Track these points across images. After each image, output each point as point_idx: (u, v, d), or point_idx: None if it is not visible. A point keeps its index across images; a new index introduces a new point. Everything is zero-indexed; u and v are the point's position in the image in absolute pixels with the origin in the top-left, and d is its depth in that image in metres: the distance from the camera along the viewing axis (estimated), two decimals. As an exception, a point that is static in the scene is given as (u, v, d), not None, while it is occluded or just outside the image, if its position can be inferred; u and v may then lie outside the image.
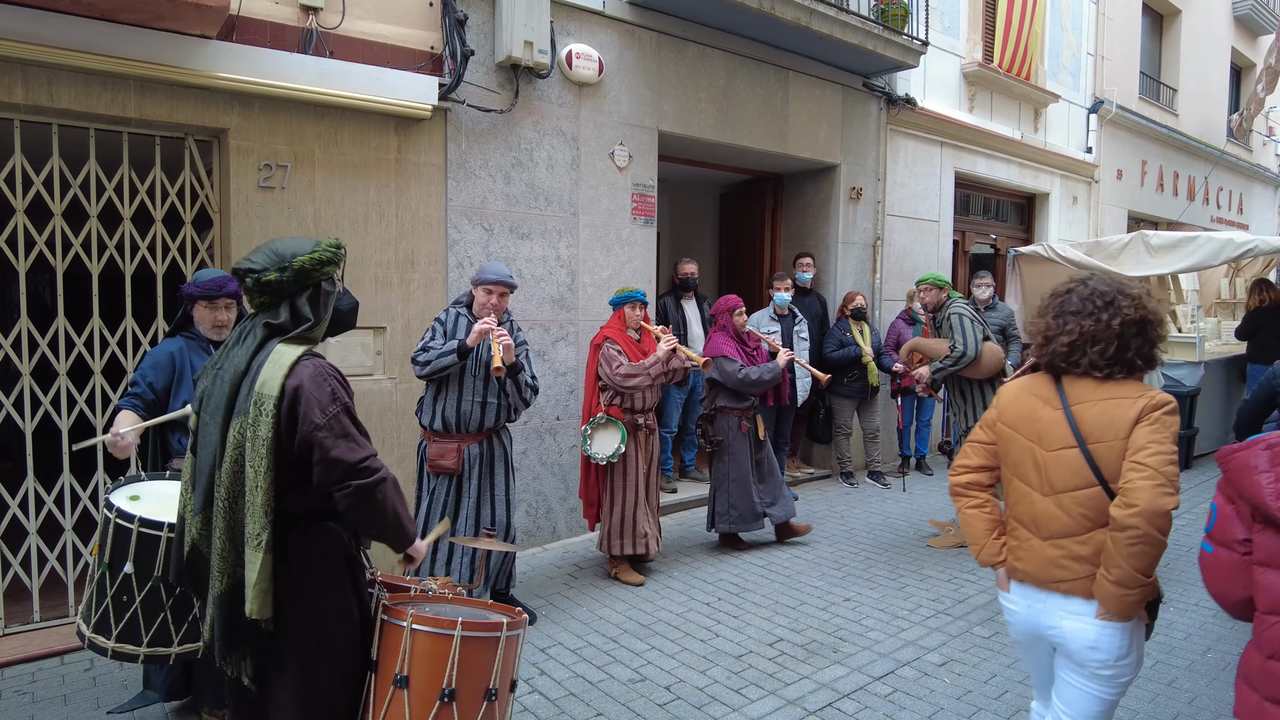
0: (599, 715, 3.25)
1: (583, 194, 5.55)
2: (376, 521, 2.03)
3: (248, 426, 1.92)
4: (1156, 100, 12.26)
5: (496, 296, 3.84)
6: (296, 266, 2.03)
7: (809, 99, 6.98)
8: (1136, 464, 1.95)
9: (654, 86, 5.89)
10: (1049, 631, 2.16)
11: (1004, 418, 2.25)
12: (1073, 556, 2.08)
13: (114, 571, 2.45)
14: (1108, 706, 2.14)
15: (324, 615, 2.02)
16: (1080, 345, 2.10)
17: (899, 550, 5.36)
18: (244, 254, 3.95)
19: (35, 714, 3.22)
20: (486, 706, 2.07)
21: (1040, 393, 2.18)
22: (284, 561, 1.96)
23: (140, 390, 3.00)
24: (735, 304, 5.23)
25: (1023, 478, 2.19)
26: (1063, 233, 10.22)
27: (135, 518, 2.43)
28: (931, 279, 5.38)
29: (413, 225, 4.76)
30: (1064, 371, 2.15)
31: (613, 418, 4.57)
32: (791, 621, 4.18)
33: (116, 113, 3.83)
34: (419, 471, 4.03)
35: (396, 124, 4.63)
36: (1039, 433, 2.15)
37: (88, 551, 2.66)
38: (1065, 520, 2.09)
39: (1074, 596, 2.09)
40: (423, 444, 4.00)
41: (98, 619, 2.46)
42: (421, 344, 3.85)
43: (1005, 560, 2.25)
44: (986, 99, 9.07)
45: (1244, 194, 14.88)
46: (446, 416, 3.87)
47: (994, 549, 2.27)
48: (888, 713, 3.27)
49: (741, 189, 8.23)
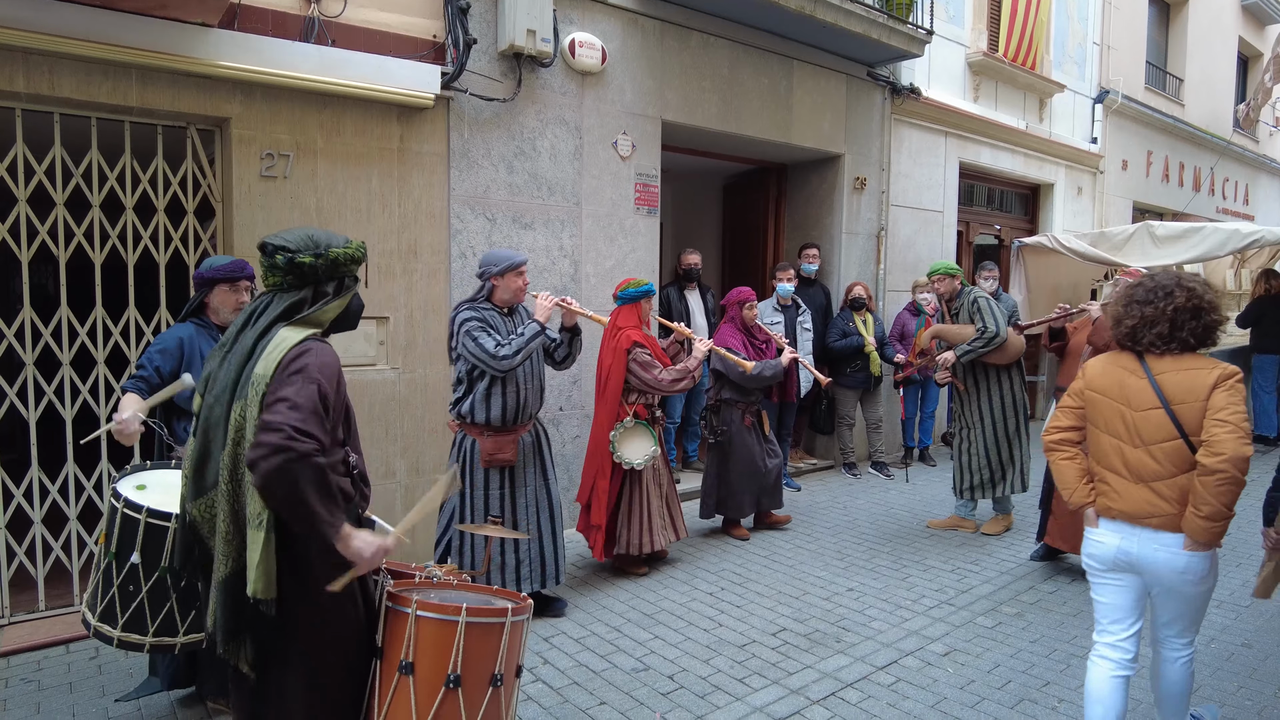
0: (602, 704, 3.25)
1: (586, 184, 5.53)
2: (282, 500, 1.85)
3: (247, 407, 1.92)
4: (1163, 90, 12.18)
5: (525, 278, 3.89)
6: (332, 256, 2.06)
7: (813, 88, 6.94)
8: (1219, 421, 2.40)
9: (657, 75, 5.86)
10: (1139, 560, 2.58)
11: (1092, 386, 2.72)
12: (1161, 497, 2.53)
13: (120, 561, 2.45)
14: (1198, 611, 2.65)
15: (327, 602, 2.02)
16: (1141, 328, 2.59)
17: (902, 540, 5.36)
18: (248, 244, 4.00)
19: (41, 702, 3.23)
20: (492, 692, 2.07)
21: (1126, 366, 2.66)
22: (287, 547, 1.95)
23: (147, 374, 2.98)
24: (745, 297, 5.26)
25: (1113, 433, 2.64)
26: (1067, 223, 10.17)
27: (143, 508, 2.44)
28: (944, 269, 5.34)
29: (415, 215, 4.74)
30: (1143, 350, 2.61)
31: (640, 420, 4.51)
32: (795, 611, 4.18)
33: (118, 101, 3.82)
34: (459, 461, 3.88)
35: (399, 113, 4.61)
36: (1127, 397, 2.60)
37: (93, 540, 2.66)
38: (1155, 467, 2.54)
39: (1164, 531, 2.53)
40: (465, 440, 3.87)
41: (104, 608, 2.46)
42: (488, 345, 3.64)
43: (1094, 501, 2.70)
44: (991, 89, 9.02)
45: (1250, 185, 14.80)
46: (507, 406, 3.80)
47: (1084, 492, 2.73)
48: (891, 702, 3.27)
49: (745, 179, 8.19)
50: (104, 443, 3.98)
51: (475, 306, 3.81)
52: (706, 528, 5.59)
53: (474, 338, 3.66)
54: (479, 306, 3.81)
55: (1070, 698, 3.30)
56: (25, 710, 3.17)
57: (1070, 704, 3.25)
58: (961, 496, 5.51)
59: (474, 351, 3.66)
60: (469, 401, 3.81)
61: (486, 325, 3.74)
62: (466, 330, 3.70)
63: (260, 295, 2.11)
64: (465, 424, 3.87)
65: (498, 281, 3.82)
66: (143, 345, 4.07)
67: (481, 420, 3.80)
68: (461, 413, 3.85)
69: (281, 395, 1.88)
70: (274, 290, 2.08)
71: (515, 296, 3.85)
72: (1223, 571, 4.63)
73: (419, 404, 4.80)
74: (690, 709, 3.21)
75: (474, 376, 3.80)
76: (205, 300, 3.17)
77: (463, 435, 3.90)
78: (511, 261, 3.81)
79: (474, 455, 3.85)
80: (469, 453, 3.86)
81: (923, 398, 7.57)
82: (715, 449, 5.31)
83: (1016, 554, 5.07)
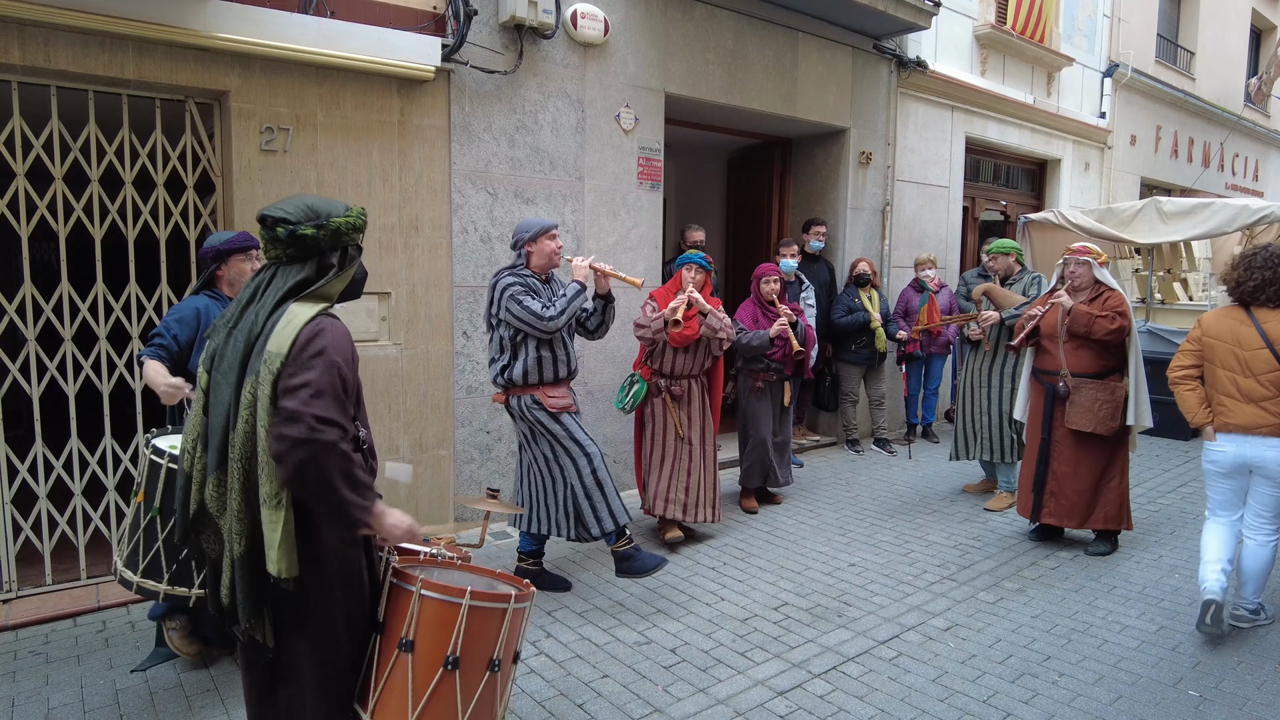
0: (604, 677, 3.28)
1: (588, 158, 5.48)
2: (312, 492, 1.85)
3: (259, 385, 1.90)
4: (1174, 64, 12.01)
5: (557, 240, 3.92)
6: (333, 227, 2.02)
7: (818, 61, 6.85)
8: None
9: (660, 47, 5.78)
10: (1252, 460, 3.54)
11: (1208, 333, 3.69)
12: (1268, 412, 3.47)
13: (166, 516, 2.53)
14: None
15: (339, 576, 2.02)
16: (1263, 287, 3.51)
17: (904, 516, 5.37)
18: (248, 218, 3.97)
19: (50, 674, 3.27)
20: (489, 677, 2.08)
21: (1235, 316, 3.61)
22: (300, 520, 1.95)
23: (165, 341, 3.05)
24: (764, 272, 5.36)
25: (1228, 368, 3.59)
26: (1074, 199, 10.09)
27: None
28: (1002, 247, 5.47)
29: (416, 189, 4.71)
30: (1251, 304, 3.55)
31: (639, 376, 4.65)
32: (797, 586, 4.20)
33: (115, 74, 3.77)
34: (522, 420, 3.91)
35: (399, 86, 4.56)
36: (1239, 340, 3.56)
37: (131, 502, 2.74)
38: (1262, 391, 3.48)
39: (1270, 438, 3.48)
40: (522, 400, 3.86)
41: (147, 564, 2.54)
42: (534, 307, 3.69)
43: (1213, 420, 3.65)
44: (999, 62, 8.90)
45: (1260, 160, 14.65)
46: (559, 364, 3.88)
47: (1204, 414, 3.68)
48: (892, 675, 3.29)
49: (749, 154, 8.12)
50: (106, 419, 4.00)
51: (516, 272, 3.84)
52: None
53: (519, 301, 3.71)
54: (519, 272, 3.84)
55: (1071, 672, 3.32)
56: (34, 682, 3.20)
57: (1071, 678, 3.27)
58: (958, 458, 5.69)
59: (519, 315, 3.70)
60: (519, 366, 3.83)
61: (530, 289, 3.78)
62: (511, 295, 3.73)
63: (263, 269, 2.07)
64: (517, 388, 3.88)
65: (531, 247, 3.85)
66: (144, 321, 4.07)
67: (535, 381, 3.85)
68: (513, 378, 3.84)
69: (302, 380, 1.85)
70: (276, 263, 2.04)
71: (550, 260, 3.88)
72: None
73: (422, 379, 4.80)
74: (692, 682, 3.23)
75: (517, 342, 3.82)
76: (218, 273, 3.25)
77: (518, 399, 3.89)
78: (543, 225, 3.86)
79: (541, 406, 3.86)
80: (531, 406, 3.86)
81: (926, 374, 7.55)
82: (738, 419, 5.51)
83: (1017, 530, 5.08)
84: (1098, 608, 3.95)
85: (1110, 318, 4.40)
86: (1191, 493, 5.99)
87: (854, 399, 7.11)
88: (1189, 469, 6.70)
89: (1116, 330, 4.39)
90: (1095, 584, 4.24)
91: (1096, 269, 4.52)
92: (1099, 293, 4.53)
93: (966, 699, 3.12)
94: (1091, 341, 4.47)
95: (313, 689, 2.03)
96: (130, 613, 3.83)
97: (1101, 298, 4.50)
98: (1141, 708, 3.06)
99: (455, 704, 2.02)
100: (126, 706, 3.05)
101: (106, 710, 3.02)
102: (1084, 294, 4.54)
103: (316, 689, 2.03)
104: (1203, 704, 3.09)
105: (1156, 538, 4.93)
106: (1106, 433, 4.47)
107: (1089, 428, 4.48)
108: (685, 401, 4.70)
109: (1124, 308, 4.46)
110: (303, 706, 2.04)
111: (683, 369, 4.68)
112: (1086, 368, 4.52)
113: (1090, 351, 4.51)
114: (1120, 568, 4.48)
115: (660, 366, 4.67)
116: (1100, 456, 4.58)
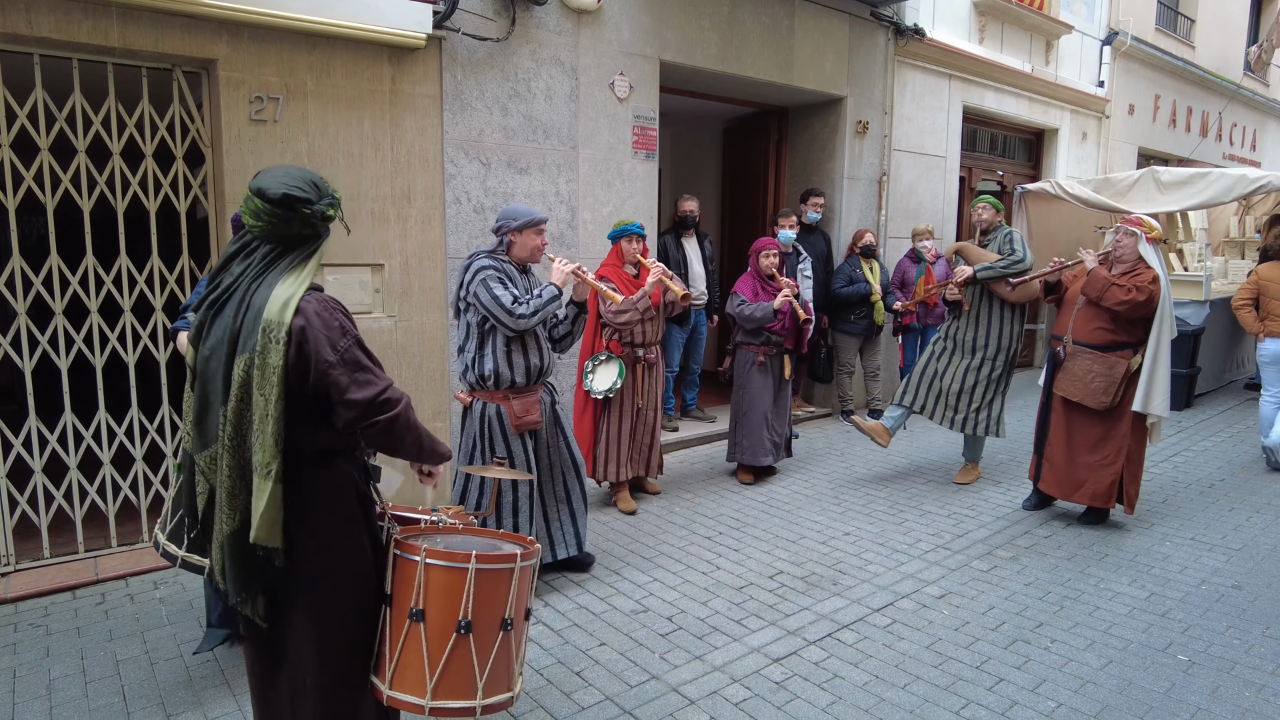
0: (602, 644, 3.31)
1: (582, 126, 5.42)
2: (406, 448, 2.07)
3: (255, 356, 1.87)
4: (1174, 31, 11.88)
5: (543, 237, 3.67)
6: (338, 198, 2.06)
7: (815, 28, 6.76)
8: None
9: (655, 14, 5.69)
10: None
11: (1263, 278, 5.92)
12: None
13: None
14: None
15: (337, 550, 2.02)
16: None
17: (899, 486, 5.40)
18: (240, 190, 3.92)
19: (50, 646, 3.28)
20: (503, 636, 2.09)
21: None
22: (295, 494, 1.94)
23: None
24: (763, 246, 5.32)
25: (1276, 298, 5.80)
26: (1071, 169, 10.03)
27: None
28: (992, 200, 5.30)
29: (409, 159, 4.65)
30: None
31: (613, 354, 4.64)
32: (792, 555, 4.23)
33: (99, 42, 3.69)
34: (480, 435, 3.61)
35: (390, 54, 4.49)
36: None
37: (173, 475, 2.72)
38: None
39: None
40: (486, 408, 3.59)
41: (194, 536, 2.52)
42: (505, 299, 3.42)
43: (1265, 329, 5.88)
44: (997, 30, 8.79)
45: (1258, 130, 14.56)
46: (530, 364, 3.59)
47: (1258, 326, 5.92)
48: (887, 643, 3.33)
49: (745, 123, 8.04)
50: (100, 393, 3.98)
51: (494, 257, 3.57)
52: (708, 471, 5.63)
53: (489, 287, 3.43)
54: (498, 257, 3.57)
55: (1063, 638, 3.36)
56: (35, 654, 3.22)
57: (1063, 644, 3.31)
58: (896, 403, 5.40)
59: (487, 302, 3.42)
60: (489, 363, 3.54)
61: (505, 277, 3.52)
62: (483, 279, 3.45)
63: (245, 243, 1.99)
64: (483, 390, 3.60)
65: (515, 238, 3.57)
66: (135, 293, 4.04)
67: (506, 382, 3.57)
68: (483, 375, 3.54)
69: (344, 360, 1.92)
70: (259, 235, 1.97)
71: (532, 256, 3.61)
72: (1216, 519, 4.83)
73: (417, 352, 4.78)
74: (688, 649, 3.27)
75: (485, 331, 3.54)
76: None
77: (481, 405, 3.60)
78: (531, 218, 3.57)
79: (503, 422, 3.59)
80: (494, 420, 3.59)
81: (921, 346, 7.54)
82: (734, 392, 5.48)
83: (1012, 500, 5.11)
84: (1089, 575, 3.99)
85: (1126, 289, 4.28)
86: (1183, 461, 6.04)
87: (850, 370, 7.11)
88: (1181, 438, 6.74)
89: (1128, 302, 4.26)
90: (1087, 552, 4.29)
91: (1143, 244, 4.39)
92: (1136, 268, 4.41)
93: (959, 665, 3.16)
94: (1103, 311, 4.38)
95: (314, 664, 2.03)
96: (129, 585, 3.85)
97: (1134, 272, 4.39)
98: (1131, 672, 3.10)
99: (472, 666, 2.03)
100: (128, 678, 3.07)
101: (108, 681, 3.04)
102: (1123, 266, 4.43)
103: (318, 664, 2.03)
104: (1191, 668, 3.14)
105: (1149, 506, 4.98)
106: (1096, 406, 4.42)
107: (1075, 397, 4.47)
108: (655, 368, 4.82)
109: (1144, 282, 4.29)
110: (304, 682, 2.05)
111: (652, 336, 4.75)
112: (1091, 338, 4.45)
113: (1101, 321, 4.42)
114: (1112, 536, 4.52)
115: (632, 339, 4.70)
116: (1094, 432, 4.52)
